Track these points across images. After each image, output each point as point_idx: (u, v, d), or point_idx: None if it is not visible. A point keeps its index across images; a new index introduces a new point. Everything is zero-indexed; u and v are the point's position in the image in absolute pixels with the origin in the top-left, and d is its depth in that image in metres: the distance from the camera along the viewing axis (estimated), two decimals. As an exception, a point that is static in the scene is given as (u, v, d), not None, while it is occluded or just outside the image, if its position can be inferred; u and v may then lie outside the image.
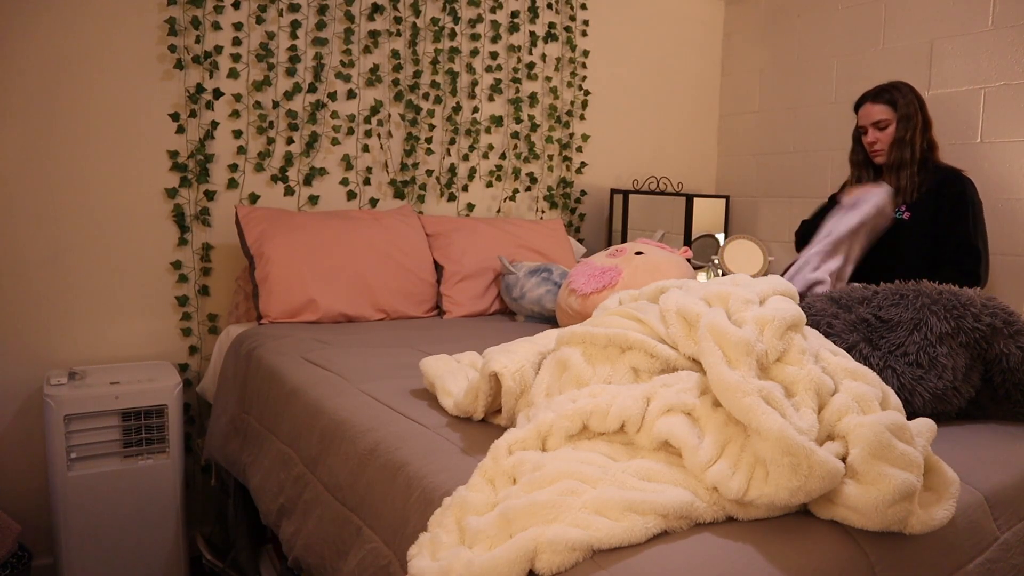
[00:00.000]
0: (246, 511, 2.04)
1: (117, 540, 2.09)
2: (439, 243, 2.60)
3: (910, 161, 2.31)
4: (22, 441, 2.22)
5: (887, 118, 2.33)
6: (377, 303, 2.39)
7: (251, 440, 1.85)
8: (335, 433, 1.43)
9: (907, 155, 2.31)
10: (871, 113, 2.36)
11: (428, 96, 2.82)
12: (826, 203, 2.63)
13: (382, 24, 2.71)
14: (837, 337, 1.48)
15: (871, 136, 2.37)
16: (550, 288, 2.40)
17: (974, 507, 1.13)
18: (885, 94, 2.35)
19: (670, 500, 0.94)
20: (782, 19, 3.38)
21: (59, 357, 2.26)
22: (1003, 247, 2.59)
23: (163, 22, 2.32)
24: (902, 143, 2.31)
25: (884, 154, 2.37)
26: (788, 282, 1.32)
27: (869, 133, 2.38)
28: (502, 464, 1.07)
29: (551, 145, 3.17)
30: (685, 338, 1.20)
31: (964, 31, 2.70)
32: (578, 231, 3.29)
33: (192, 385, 2.46)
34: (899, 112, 2.32)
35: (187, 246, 2.42)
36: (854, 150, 2.49)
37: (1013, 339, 1.43)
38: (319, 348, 1.94)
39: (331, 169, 2.66)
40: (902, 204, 2.31)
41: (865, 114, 2.39)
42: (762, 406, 0.98)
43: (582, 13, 3.18)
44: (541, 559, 0.88)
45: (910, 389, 1.39)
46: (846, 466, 0.98)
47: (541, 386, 1.27)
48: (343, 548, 1.29)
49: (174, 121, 2.37)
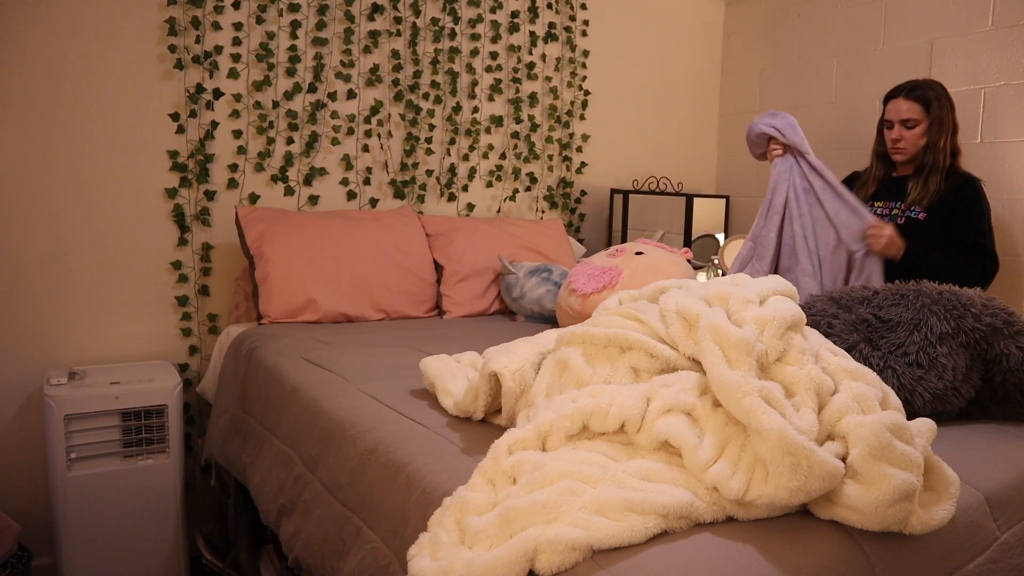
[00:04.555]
0: (246, 511, 2.04)
1: (117, 540, 2.08)
2: (439, 243, 2.60)
3: (941, 167, 2.26)
4: (22, 441, 2.22)
5: (917, 117, 2.26)
6: (377, 303, 2.39)
7: (251, 440, 1.85)
8: (335, 433, 1.43)
9: (940, 161, 2.26)
10: (901, 109, 2.28)
11: (428, 96, 2.82)
12: None
13: (382, 24, 2.71)
14: (837, 337, 1.48)
15: (896, 132, 2.30)
16: (550, 288, 2.40)
17: (974, 507, 1.13)
18: (918, 91, 2.28)
19: (670, 500, 0.94)
20: (782, 19, 3.38)
21: (59, 357, 2.26)
22: (1003, 247, 2.59)
23: (163, 22, 2.32)
24: (935, 150, 2.26)
25: (905, 153, 2.31)
26: (788, 282, 1.32)
27: (895, 129, 2.30)
28: (502, 464, 1.07)
29: (551, 145, 3.17)
30: (685, 338, 1.20)
31: (964, 31, 2.70)
32: (578, 231, 3.29)
33: (192, 385, 2.46)
34: (931, 115, 2.25)
35: (187, 246, 2.42)
36: (877, 141, 2.42)
37: (1013, 339, 1.43)
38: (319, 348, 1.94)
39: (331, 169, 2.66)
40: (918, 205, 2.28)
41: (895, 109, 2.30)
42: (762, 406, 0.98)
43: (582, 13, 3.18)
44: (541, 559, 0.88)
45: (910, 389, 1.39)
46: (846, 466, 0.98)
47: (541, 386, 1.27)
48: (343, 548, 1.29)
49: (174, 121, 2.37)
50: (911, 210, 2.29)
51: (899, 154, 2.34)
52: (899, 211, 2.31)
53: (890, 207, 2.34)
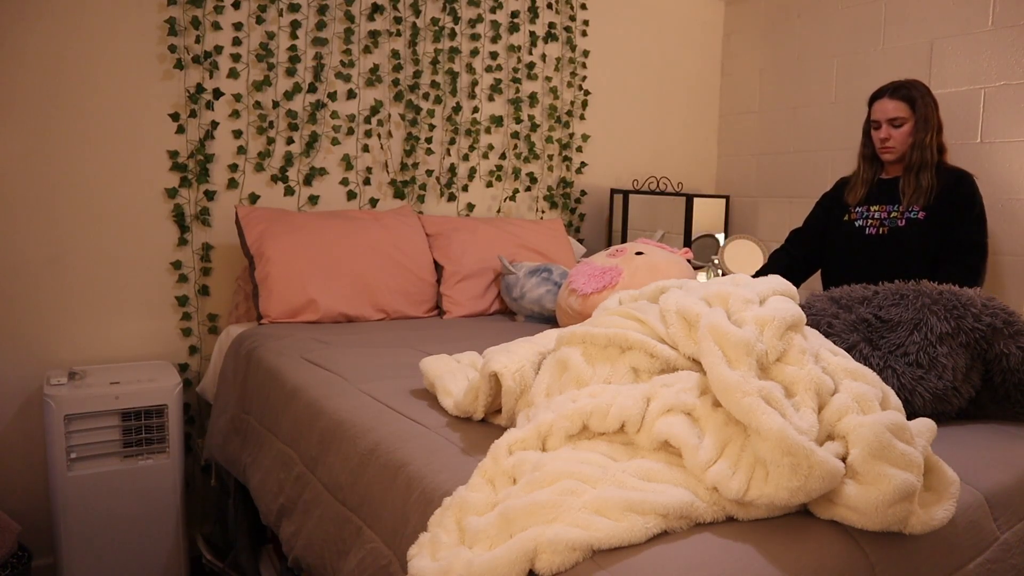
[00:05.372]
0: (246, 511, 2.04)
1: (117, 540, 2.08)
2: (439, 243, 2.60)
3: (930, 164, 2.28)
4: (22, 441, 2.22)
5: (903, 116, 2.29)
6: (377, 303, 2.39)
7: (251, 440, 1.85)
8: (335, 433, 1.43)
9: (927, 157, 2.28)
10: (887, 109, 2.31)
11: (428, 96, 2.82)
12: (815, 210, 2.61)
13: (382, 24, 2.71)
14: (837, 337, 1.48)
15: (884, 132, 2.32)
16: (550, 288, 2.40)
17: (974, 507, 1.12)
18: (903, 90, 2.30)
19: (670, 500, 0.94)
20: (782, 19, 3.38)
21: (59, 357, 2.26)
22: (1003, 247, 2.59)
23: (163, 22, 2.32)
24: (922, 146, 2.28)
25: (894, 152, 2.33)
26: (788, 282, 1.32)
27: (883, 129, 2.32)
28: (502, 464, 1.07)
29: (551, 145, 3.17)
30: (685, 338, 1.19)
31: (964, 31, 2.70)
32: (578, 231, 3.29)
33: (192, 385, 2.46)
34: (917, 113, 2.28)
35: (187, 246, 2.42)
36: (864, 144, 2.43)
37: (1013, 339, 1.43)
38: (319, 348, 1.94)
39: (331, 169, 2.66)
40: (915, 204, 2.30)
41: (881, 109, 2.33)
42: (762, 406, 0.98)
43: (582, 13, 3.18)
44: (541, 559, 0.88)
45: (910, 389, 1.39)
46: (846, 466, 0.98)
47: (541, 386, 1.26)
48: (343, 548, 1.29)
49: (174, 121, 2.37)
50: (910, 211, 2.29)
51: (888, 153, 2.34)
52: (898, 213, 2.31)
53: (888, 211, 2.35)
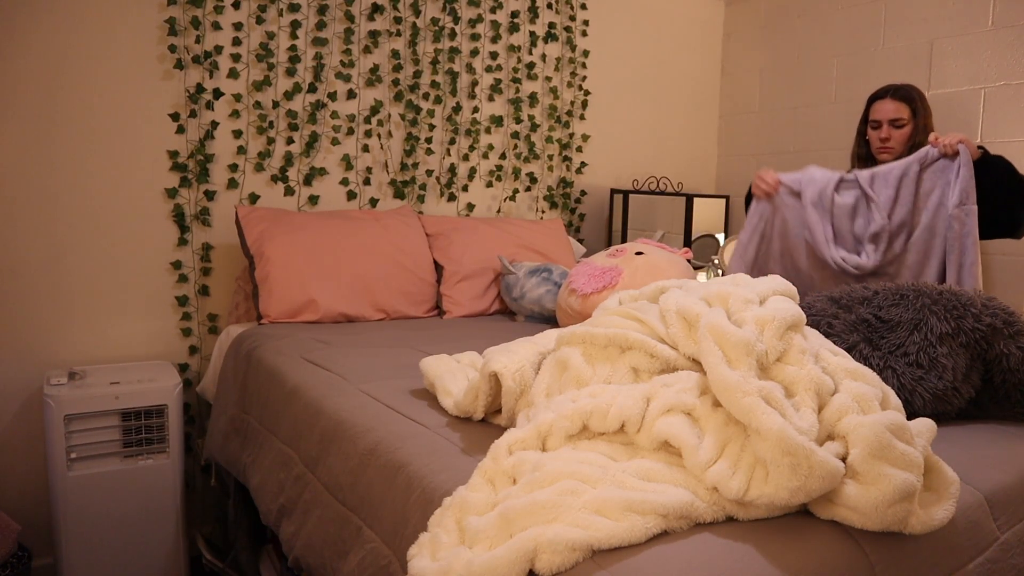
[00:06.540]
0: (246, 511, 2.04)
1: (117, 540, 2.08)
2: (439, 243, 2.60)
3: None
4: (22, 441, 2.22)
5: (904, 117, 2.29)
6: (377, 303, 2.39)
7: (251, 440, 1.85)
8: (335, 433, 1.43)
9: None
10: (888, 110, 2.30)
11: (428, 96, 2.82)
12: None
13: (382, 24, 2.71)
14: (837, 337, 1.48)
15: (884, 132, 2.31)
16: (550, 288, 2.40)
17: (974, 507, 1.12)
18: (903, 91, 2.31)
19: (670, 500, 0.94)
20: (782, 19, 3.38)
21: (59, 357, 2.26)
22: (1003, 247, 2.59)
23: (163, 22, 2.32)
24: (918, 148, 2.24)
25: (893, 152, 2.31)
26: (788, 282, 1.32)
27: (883, 129, 2.31)
28: (502, 464, 1.07)
29: (551, 145, 3.17)
30: (685, 338, 1.19)
31: (964, 31, 2.70)
32: (578, 231, 3.29)
33: (192, 385, 2.46)
34: (918, 116, 2.29)
35: (187, 246, 2.42)
36: (858, 144, 2.43)
37: (1013, 339, 1.43)
38: (319, 348, 1.94)
39: (331, 169, 2.66)
40: None
41: (882, 109, 2.32)
42: (762, 406, 0.98)
43: (582, 13, 3.18)
44: (541, 559, 0.88)
45: (910, 389, 1.39)
46: (846, 466, 0.98)
47: (541, 386, 1.27)
48: (343, 548, 1.29)
49: (174, 121, 2.37)
50: None
51: (887, 153, 2.34)
52: None
53: None
